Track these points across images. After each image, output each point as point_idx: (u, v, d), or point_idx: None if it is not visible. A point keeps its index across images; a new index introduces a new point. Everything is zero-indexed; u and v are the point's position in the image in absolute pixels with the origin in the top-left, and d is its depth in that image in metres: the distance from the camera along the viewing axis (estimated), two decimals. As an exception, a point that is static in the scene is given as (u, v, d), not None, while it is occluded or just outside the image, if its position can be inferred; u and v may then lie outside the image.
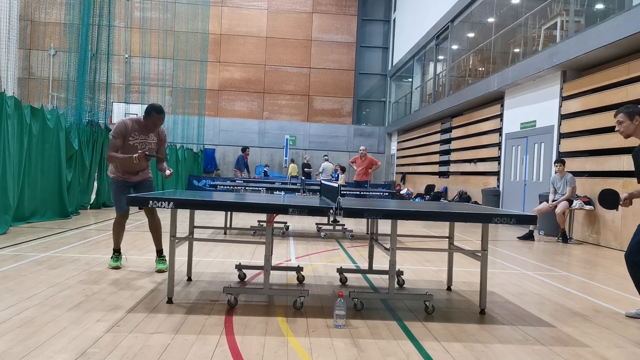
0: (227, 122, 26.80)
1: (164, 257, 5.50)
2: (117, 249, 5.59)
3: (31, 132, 8.87)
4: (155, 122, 5.37)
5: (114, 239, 5.57)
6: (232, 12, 27.00)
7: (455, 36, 18.59)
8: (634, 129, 4.29)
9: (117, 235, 5.55)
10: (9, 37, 15.28)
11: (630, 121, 4.29)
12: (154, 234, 5.56)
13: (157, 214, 5.56)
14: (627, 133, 4.33)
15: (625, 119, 4.31)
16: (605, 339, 3.77)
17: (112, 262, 5.50)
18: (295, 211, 3.87)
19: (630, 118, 4.29)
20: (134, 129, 5.35)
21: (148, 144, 5.45)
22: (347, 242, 8.36)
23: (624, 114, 4.32)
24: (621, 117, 4.34)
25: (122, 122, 5.40)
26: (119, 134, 5.29)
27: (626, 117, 4.31)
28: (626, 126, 4.31)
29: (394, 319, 4.02)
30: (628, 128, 4.30)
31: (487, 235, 4.29)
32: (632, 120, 4.29)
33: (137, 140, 5.37)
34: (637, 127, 4.29)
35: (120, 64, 21.62)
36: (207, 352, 3.11)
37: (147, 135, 5.44)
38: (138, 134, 5.37)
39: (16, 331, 3.32)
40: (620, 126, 4.34)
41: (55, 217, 9.61)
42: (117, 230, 5.55)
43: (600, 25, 9.35)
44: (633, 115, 4.28)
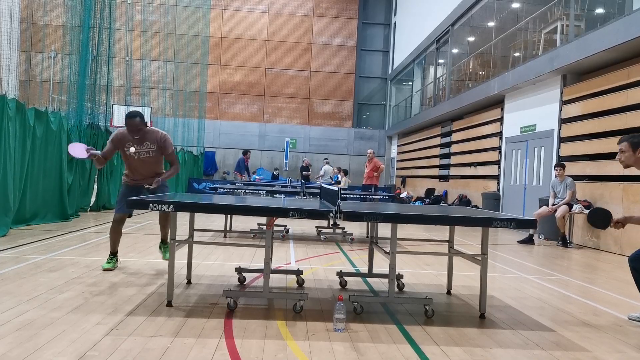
0: (227, 125, 26.82)
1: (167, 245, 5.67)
2: (114, 252, 5.60)
3: (35, 135, 8.88)
4: (132, 128, 5.43)
5: (110, 243, 5.61)
6: (233, 15, 27.05)
7: (455, 40, 18.61)
8: (634, 160, 4.13)
9: (113, 239, 5.60)
10: (10, 40, 15.32)
11: (633, 152, 4.12)
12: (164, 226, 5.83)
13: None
14: (628, 163, 4.19)
15: (628, 148, 4.14)
16: (605, 343, 3.76)
17: (105, 264, 5.52)
18: (295, 214, 3.87)
19: (633, 149, 4.11)
20: (128, 138, 5.47)
21: (145, 152, 5.54)
22: (347, 246, 8.35)
23: (628, 143, 4.14)
24: (624, 146, 4.17)
25: (118, 130, 5.60)
26: (111, 140, 5.54)
27: (629, 147, 4.13)
28: (627, 157, 4.15)
29: (393, 322, 4.02)
30: (629, 159, 4.15)
31: (487, 239, 4.28)
32: (634, 152, 4.11)
33: (132, 149, 5.47)
34: (638, 159, 4.12)
35: (121, 66, 21.65)
36: (207, 355, 3.11)
37: (142, 144, 5.52)
38: (133, 143, 5.46)
39: (15, 334, 3.31)
40: (622, 155, 4.19)
41: (55, 219, 9.60)
42: (112, 234, 5.60)
43: (601, 29, 9.37)
44: (637, 147, 4.10)
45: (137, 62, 23.35)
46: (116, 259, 5.63)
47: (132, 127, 5.41)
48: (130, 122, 5.40)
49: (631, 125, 9.04)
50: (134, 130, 5.43)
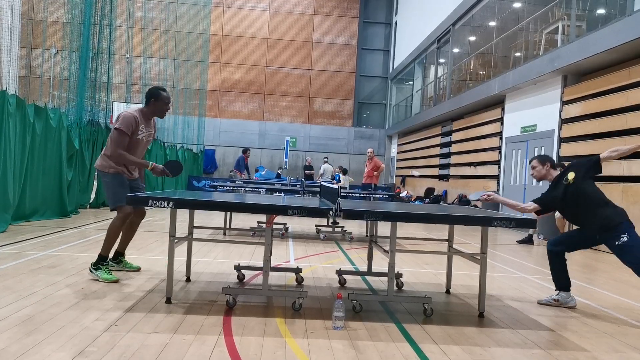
0: (227, 123, 26.80)
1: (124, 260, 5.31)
2: (106, 256, 4.85)
3: (34, 131, 8.87)
4: (166, 105, 4.97)
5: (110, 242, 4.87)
6: (234, 13, 27.02)
7: (456, 40, 18.60)
8: (544, 174, 4.92)
9: (116, 238, 4.93)
10: (11, 36, 15.30)
11: (542, 166, 4.92)
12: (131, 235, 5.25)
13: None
14: (539, 177, 4.97)
15: (537, 164, 4.95)
16: (604, 343, 3.76)
17: (106, 275, 4.74)
18: (294, 212, 3.87)
19: (542, 164, 4.93)
20: (140, 122, 4.92)
21: (150, 136, 5.11)
22: (347, 244, 8.35)
23: (537, 160, 4.98)
24: (535, 162, 4.99)
25: (130, 115, 4.86)
26: (129, 128, 4.80)
27: (539, 163, 4.95)
28: (538, 170, 4.94)
29: (392, 321, 4.02)
30: (540, 172, 4.94)
31: (486, 239, 4.28)
32: (543, 166, 4.92)
33: (143, 134, 4.98)
34: (547, 173, 4.92)
35: (121, 63, 21.62)
36: (205, 352, 3.11)
37: (149, 127, 5.05)
38: (144, 127, 4.97)
39: (14, 329, 3.31)
40: (534, 171, 4.99)
41: (55, 216, 9.60)
42: (119, 232, 4.92)
43: (602, 30, 9.37)
44: (545, 162, 4.93)
45: (137, 60, 23.33)
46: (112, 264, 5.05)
47: (169, 103, 5.00)
48: (169, 97, 4.98)
49: (631, 126, 9.04)
50: (167, 108, 5.00)
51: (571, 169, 4.81)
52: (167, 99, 5.03)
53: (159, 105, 5.00)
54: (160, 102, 4.99)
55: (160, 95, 4.98)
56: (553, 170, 4.96)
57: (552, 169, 4.96)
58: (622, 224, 4.42)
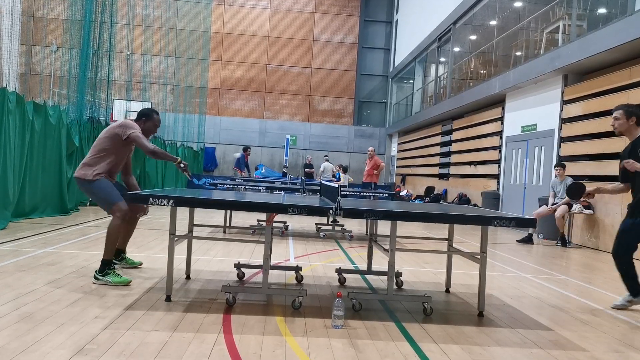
0: (228, 121, 26.80)
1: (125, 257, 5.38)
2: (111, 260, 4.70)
3: (33, 128, 8.87)
4: (155, 128, 5.15)
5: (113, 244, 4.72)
6: (235, 11, 27.00)
7: (457, 38, 18.59)
8: (627, 128, 4.63)
9: (117, 239, 4.82)
10: (11, 33, 15.28)
11: (626, 120, 4.62)
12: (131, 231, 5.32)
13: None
14: (620, 130, 4.68)
15: (622, 116, 4.62)
16: (603, 343, 3.76)
17: (117, 278, 4.60)
18: (295, 211, 3.87)
19: (627, 117, 4.60)
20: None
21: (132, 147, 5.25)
22: (346, 243, 8.35)
23: (623, 111, 4.62)
24: (619, 113, 4.64)
25: (130, 121, 4.99)
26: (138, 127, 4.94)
27: (623, 115, 4.61)
28: (621, 124, 4.64)
29: (392, 320, 4.02)
30: (622, 126, 4.64)
31: (486, 238, 4.28)
32: (627, 120, 4.61)
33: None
34: (630, 128, 4.62)
35: (121, 61, 21.61)
36: (205, 350, 3.11)
37: None
38: None
39: (14, 326, 3.31)
40: (616, 122, 4.67)
41: (55, 213, 9.60)
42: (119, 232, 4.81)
43: (602, 29, 9.36)
44: (631, 115, 4.59)
45: (138, 57, 23.31)
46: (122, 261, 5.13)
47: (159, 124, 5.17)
48: (159, 121, 5.17)
49: (632, 126, 9.03)
50: (157, 127, 5.16)
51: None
52: (158, 121, 5.19)
53: (148, 125, 5.10)
54: (151, 123, 5.11)
55: (152, 117, 5.13)
56: (637, 128, 4.60)
57: (638, 126, 4.61)
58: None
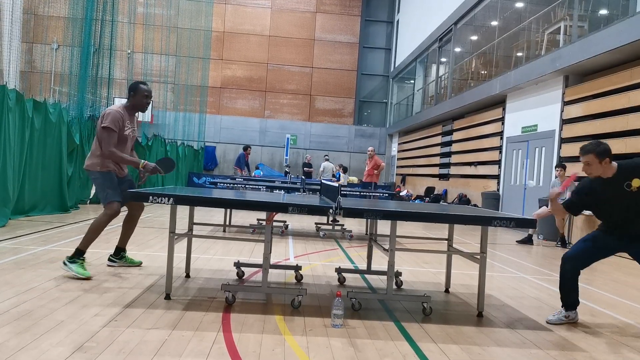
0: (228, 120, 26.80)
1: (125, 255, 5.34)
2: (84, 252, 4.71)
3: (33, 126, 8.86)
4: (147, 98, 4.88)
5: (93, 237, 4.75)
6: (236, 10, 27.00)
7: (458, 39, 18.58)
8: (602, 171, 4.02)
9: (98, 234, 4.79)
10: (12, 30, 15.28)
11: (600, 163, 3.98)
12: (131, 230, 5.25)
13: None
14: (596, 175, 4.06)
15: (594, 160, 3.99)
16: (602, 344, 3.76)
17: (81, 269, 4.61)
18: (295, 210, 3.87)
19: (600, 159, 3.98)
20: (125, 117, 4.85)
21: (135, 132, 5.05)
22: (346, 242, 8.35)
23: (594, 155, 3.99)
24: (590, 158, 4.00)
25: (115, 111, 4.77)
26: (116, 125, 4.72)
27: (595, 158, 3.98)
28: (595, 169, 4.02)
29: (391, 319, 4.02)
30: (597, 170, 4.02)
31: (486, 238, 4.29)
32: (601, 162, 3.98)
33: (129, 129, 4.91)
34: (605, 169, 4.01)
35: (122, 59, 21.62)
36: (204, 348, 3.11)
37: (132, 122, 4.97)
38: (129, 123, 4.91)
39: (13, 324, 3.32)
40: (589, 168, 4.04)
41: (55, 211, 9.60)
42: (103, 228, 4.78)
43: (604, 30, 9.36)
44: (603, 157, 3.98)
45: (138, 56, 23.31)
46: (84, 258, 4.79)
47: (149, 97, 4.91)
48: (149, 90, 4.89)
49: (632, 127, 9.04)
50: (148, 102, 4.90)
51: (636, 173, 3.97)
52: (146, 91, 4.92)
53: (137, 98, 4.90)
54: (139, 95, 4.89)
55: (139, 88, 4.88)
56: (612, 165, 4.02)
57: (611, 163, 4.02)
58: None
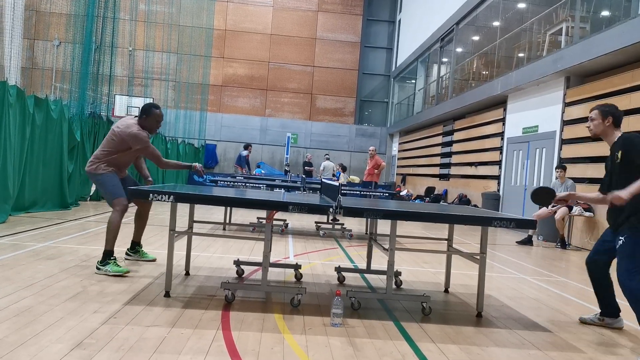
0: (229, 118, 26.80)
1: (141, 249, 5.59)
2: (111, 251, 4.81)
3: (34, 122, 8.87)
4: (159, 123, 5.16)
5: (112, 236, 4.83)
6: (238, 8, 26.99)
7: (460, 39, 18.57)
8: (602, 130, 4.12)
9: (117, 232, 4.85)
10: (13, 27, 15.27)
11: (602, 121, 4.10)
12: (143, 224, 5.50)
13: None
14: (596, 132, 4.17)
15: (598, 116, 4.11)
16: (601, 345, 3.77)
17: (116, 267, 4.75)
18: (295, 209, 3.87)
19: (603, 117, 4.09)
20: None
21: None
22: (346, 242, 8.36)
23: (598, 112, 4.12)
24: (595, 114, 4.14)
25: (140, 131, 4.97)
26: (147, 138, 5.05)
27: (599, 115, 4.10)
28: (596, 125, 4.13)
29: (390, 319, 4.02)
30: (598, 127, 4.13)
31: (486, 239, 4.29)
32: (604, 121, 4.09)
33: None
34: (606, 129, 4.11)
35: (124, 56, 21.60)
36: (203, 346, 3.12)
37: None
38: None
39: (13, 320, 3.32)
40: (591, 123, 4.16)
41: (55, 208, 9.60)
42: (119, 225, 4.86)
43: (606, 32, 9.35)
44: (607, 116, 4.08)
45: (140, 53, 23.31)
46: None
47: (159, 122, 5.16)
48: (161, 115, 5.16)
49: (633, 129, 9.02)
50: (160, 123, 5.19)
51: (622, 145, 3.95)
52: (159, 116, 5.18)
53: (150, 121, 5.10)
54: (152, 119, 5.11)
55: (153, 112, 5.12)
56: (614, 130, 4.07)
57: (615, 127, 4.07)
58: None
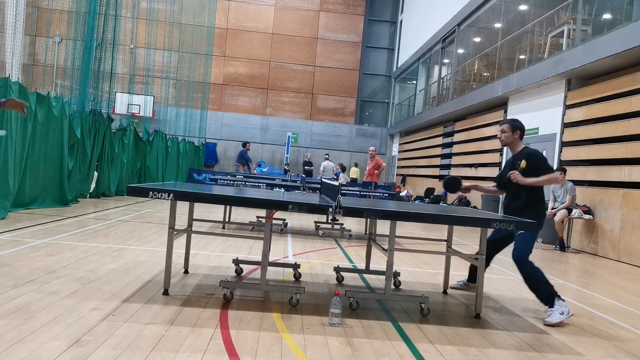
0: (229, 117, 26.80)
1: None
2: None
3: (36, 119, 8.87)
4: None
5: None
6: (239, 6, 26.99)
7: (461, 40, 18.57)
8: (512, 141, 4.76)
9: None
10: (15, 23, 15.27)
11: (512, 133, 4.73)
12: None
13: None
14: (506, 142, 4.78)
15: (508, 129, 4.73)
16: (599, 348, 3.77)
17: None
18: (294, 208, 3.87)
19: (513, 130, 4.72)
20: None
21: None
22: (345, 242, 8.36)
23: (509, 125, 4.74)
24: (506, 127, 4.74)
25: None
26: None
27: (510, 129, 4.72)
28: (507, 136, 4.74)
29: (389, 319, 4.02)
30: (508, 138, 4.75)
31: (485, 240, 4.29)
32: (513, 133, 4.72)
33: None
34: (514, 140, 4.76)
35: (125, 54, 21.63)
36: (201, 344, 3.12)
37: None
38: None
39: (11, 316, 3.32)
40: (502, 135, 4.76)
41: (55, 204, 9.60)
42: None
43: (607, 35, 9.35)
44: (516, 129, 4.71)
45: (141, 51, 23.33)
46: None
47: None
48: None
49: (634, 132, 9.03)
50: None
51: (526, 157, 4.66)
52: None
53: None
54: None
55: None
56: (520, 142, 4.81)
57: (520, 140, 4.80)
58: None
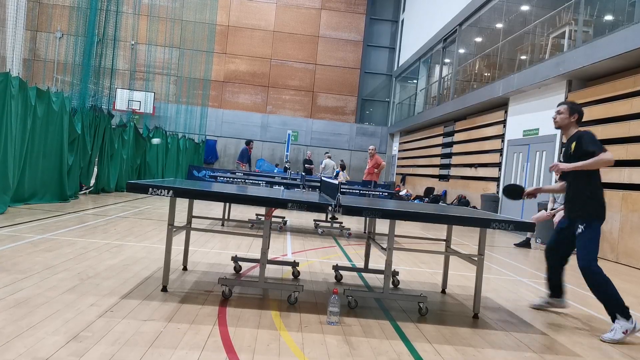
0: (230, 114, 26.78)
1: None
2: None
3: (35, 114, 8.86)
4: None
5: None
6: (241, 4, 26.95)
7: (462, 40, 18.55)
8: (567, 124, 4.56)
9: None
10: (16, 18, 15.25)
11: (569, 116, 4.54)
12: None
13: None
14: (560, 125, 4.60)
15: (566, 111, 4.55)
16: (596, 349, 3.77)
17: None
18: (294, 206, 3.87)
19: (570, 113, 4.53)
20: None
21: None
22: (344, 240, 8.36)
23: (567, 107, 4.56)
24: (563, 108, 4.58)
25: None
26: None
27: (567, 110, 4.55)
28: (562, 118, 4.56)
29: (387, 318, 4.03)
30: (563, 120, 4.57)
31: (484, 240, 4.29)
32: (570, 116, 4.53)
33: None
34: (570, 124, 4.56)
35: (126, 50, 21.60)
36: (199, 341, 3.12)
37: None
38: None
39: (10, 311, 3.32)
40: (558, 116, 4.59)
41: (54, 200, 9.60)
42: None
43: (609, 36, 9.34)
44: (574, 112, 4.53)
45: (142, 47, 23.30)
46: None
47: None
48: None
49: (634, 134, 9.03)
50: None
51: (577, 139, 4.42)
52: None
53: None
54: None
55: None
56: (575, 127, 4.55)
57: (576, 125, 4.55)
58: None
